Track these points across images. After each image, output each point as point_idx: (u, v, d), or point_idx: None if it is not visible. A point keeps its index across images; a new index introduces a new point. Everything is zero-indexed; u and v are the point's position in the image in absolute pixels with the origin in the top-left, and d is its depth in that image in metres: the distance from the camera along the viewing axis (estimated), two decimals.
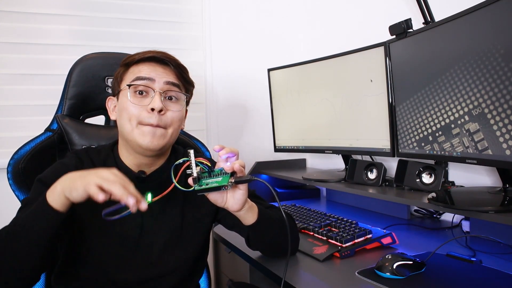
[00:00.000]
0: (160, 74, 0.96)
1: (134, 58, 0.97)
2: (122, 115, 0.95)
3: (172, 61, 0.98)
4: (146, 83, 0.94)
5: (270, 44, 2.27)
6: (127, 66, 0.99)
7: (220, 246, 1.75)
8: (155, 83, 0.95)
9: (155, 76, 0.95)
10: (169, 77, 0.97)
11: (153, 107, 0.92)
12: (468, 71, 1.09)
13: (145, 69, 0.96)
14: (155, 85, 0.94)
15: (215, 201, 0.90)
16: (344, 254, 1.07)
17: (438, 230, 1.35)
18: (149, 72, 0.95)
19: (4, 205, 1.74)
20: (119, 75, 1.00)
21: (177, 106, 0.98)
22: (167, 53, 0.99)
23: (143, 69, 0.96)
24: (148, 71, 0.95)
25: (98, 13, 1.94)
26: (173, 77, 0.98)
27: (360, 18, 1.92)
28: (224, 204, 0.90)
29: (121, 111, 0.96)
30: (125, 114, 0.94)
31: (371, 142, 1.52)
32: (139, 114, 0.93)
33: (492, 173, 1.32)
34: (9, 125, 1.80)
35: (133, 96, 0.94)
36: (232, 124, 2.20)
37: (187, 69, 1.02)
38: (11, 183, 1.16)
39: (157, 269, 0.98)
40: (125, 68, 0.99)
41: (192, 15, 2.14)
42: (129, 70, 0.98)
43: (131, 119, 0.93)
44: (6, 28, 1.79)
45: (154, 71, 0.96)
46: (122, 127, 0.96)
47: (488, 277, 0.90)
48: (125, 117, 0.94)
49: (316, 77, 1.72)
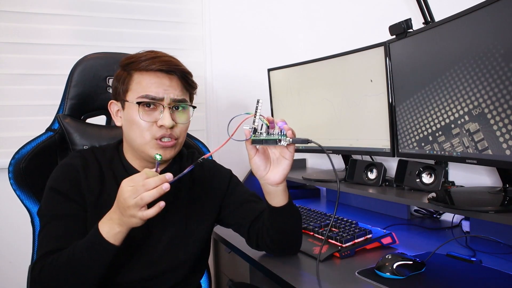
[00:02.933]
0: (168, 89, 0.95)
1: (138, 66, 0.95)
2: (133, 128, 0.95)
3: (178, 70, 0.96)
4: (154, 100, 0.94)
5: (270, 44, 2.27)
6: (130, 71, 0.96)
7: (220, 246, 1.75)
8: (164, 100, 0.95)
9: (163, 93, 0.94)
10: (176, 92, 0.96)
11: (163, 124, 0.93)
12: (468, 71, 1.09)
13: (152, 83, 0.94)
14: (163, 101, 0.95)
15: (257, 168, 0.92)
16: (344, 254, 1.07)
17: (438, 230, 1.35)
18: (157, 88, 0.94)
19: (5, 205, 1.75)
20: (123, 81, 0.97)
21: (185, 116, 0.99)
22: (171, 60, 0.97)
23: (151, 83, 0.94)
24: (155, 87, 0.94)
25: (98, 13, 1.94)
26: (180, 89, 0.97)
27: (360, 18, 1.93)
28: (266, 173, 0.92)
29: (130, 124, 0.96)
30: (136, 128, 0.95)
31: (371, 142, 1.52)
32: (151, 128, 0.94)
33: (492, 173, 1.32)
34: (10, 125, 1.80)
35: (142, 113, 0.94)
36: (232, 124, 2.19)
37: (190, 73, 1.01)
38: (12, 183, 1.17)
39: (160, 267, 0.99)
40: (128, 73, 0.97)
41: (192, 15, 2.14)
42: (134, 79, 0.96)
43: (143, 134, 0.94)
44: (6, 28, 1.79)
45: (161, 86, 0.94)
46: (133, 140, 0.96)
47: (488, 277, 0.91)
48: (137, 131, 0.95)
49: (316, 77, 1.72)
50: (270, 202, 0.97)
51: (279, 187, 0.94)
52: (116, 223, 0.83)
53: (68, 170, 0.97)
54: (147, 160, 0.98)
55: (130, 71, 0.96)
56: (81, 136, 1.23)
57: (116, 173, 1.00)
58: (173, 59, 0.98)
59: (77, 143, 1.22)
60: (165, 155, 0.95)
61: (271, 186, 0.94)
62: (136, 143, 0.96)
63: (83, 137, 1.23)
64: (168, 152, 0.96)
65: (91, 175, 0.98)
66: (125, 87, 0.97)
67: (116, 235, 0.83)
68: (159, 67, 0.94)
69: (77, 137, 1.23)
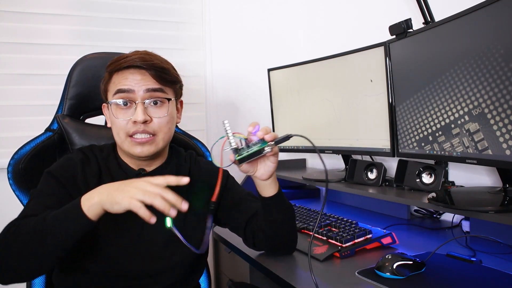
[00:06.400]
0: (139, 82, 0.95)
1: (115, 66, 0.97)
2: (113, 128, 0.99)
3: (149, 65, 0.95)
4: (127, 95, 0.95)
5: (270, 44, 2.27)
6: (111, 74, 0.99)
7: (220, 246, 1.75)
8: (136, 93, 0.95)
9: (134, 85, 0.95)
10: (148, 84, 0.95)
11: (135, 120, 0.94)
12: (468, 71, 1.09)
13: (124, 79, 0.95)
14: (136, 95, 0.95)
15: (246, 171, 0.94)
16: (344, 254, 1.07)
17: (438, 230, 1.35)
18: (128, 82, 0.95)
19: (4, 205, 1.75)
20: (104, 82, 1.00)
21: (162, 111, 0.98)
22: (144, 56, 0.97)
23: (123, 79, 0.96)
24: (127, 82, 0.95)
25: (98, 13, 1.94)
26: (152, 82, 0.96)
27: (360, 18, 1.92)
28: (255, 173, 0.95)
29: (111, 124, 1.00)
30: (114, 127, 0.98)
31: (371, 142, 1.52)
32: (125, 126, 0.96)
33: (492, 173, 1.32)
34: (9, 125, 1.80)
35: (116, 110, 0.96)
36: (232, 124, 2.19)
37: (168, 67, 1.00)
38: (12, 183, 1.17)
39: (159, 264, 0.99)
40: (109, 76, 0.99)
41: (192, 15, 2.14)
42: (112, 80, 0.98)
43: (119, 132, 0.97)
44: (6, 28, 1.79)
45: (133, 80, 0.95)
46: (115, 138, 1.00)
47: (488, 277, 0.91)
48: (115, 130, 0.98)
49: (316, 77, 1.72)
50: (261, 193, 1.00)
51: (267, 181, 0.97)
52: (97, 192, 0.80)
53: (67, 162, 1.00)
54: (134, 158, 1.01)
55: (111, 72, 0.99)
56: (80, 136, 1.23)
57: (111, 170, 1.02)
58: (148, 56, 0.97)
59: (76, 143, 1.22)
60: (143, 151, 0.96)
61: (260, 181, 0.97)
62: (118, 143, 0.99)
63: (82, 137, 1.23)
64: (146, 149, 0.96)
65: (88, 170, 0.99)
66: (105, 88, 1.00)
67: (92, 206, 0.79)
68: (130, 63, 0.95)
69: (76, 137, 1.23)
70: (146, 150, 0.96)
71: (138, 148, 0.96)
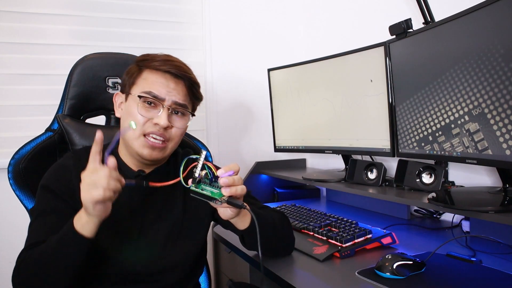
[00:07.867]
0: (171, 91, 0.97)
1: (150, 64, 0.97)
2: (127, 119, 0.98)
3: (186, 77, 0.98)
4: (156, 100, 0.96)
5: (270, 44, 2.27)
6: (141, 68, 0.99)
7: (220, 246, 1.75)
8: (165, 101, 0.96)
9: (165, 94, 0.96)
10: (179, 96, 0.98)
11: (158, 123, 0.94)
12: (468, 71, 1.09)
13: (159, 83, 0.96)
14: (164, 102, 0.96)
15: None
16: (344, 254, 1.07)
17: (438, 230, 1.35)
18: (161, 88, 0.96)
19: (4, 205, 1.75)
20: (131, 75, 1.00)
21: (182, 122, 1.00)
22: (182, 67, 0.99)
23: (156, 82, 0.96)
24: (160, 87, 0.96)
25: (98, 13, 1.94)
26: (183, 94, 0.99)
27: (360, 18, 1.92)
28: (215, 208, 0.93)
29: (127, 115, 0.98)
30: (128, 119, 0.97)
31: (371, 142, 1.52)
32: (144, 124, 0.95)
33: (492, 173, 1.32)
34: (9, 125, 1.80)
35: (141, 108, 0.96)
36: (232, 124, 2.20)
37: (199, 84, 1.03)
38: (12, 183, 1.17)
39: (157, 266, 0.99)
40: (139, 69, 0.99)
41: (192, 15, 2.14)
42: (143, 75, 0.98)
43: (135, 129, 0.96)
44: (6, 28, 1.79)
45: (166, 87, 0.96)
46: (125, 131, 0.98)
47: (488, 277, 0.91)
48: (127, 123, 0.96)
49: (316, 77, 1.72)
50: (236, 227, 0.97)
51: (232, 219, 0.93)
52: (83, 212, 0.82)
53: (60, 170, 0.99)
54: (136, 158, 1.00)
55: (141, 67, 0.99)
56: (81, 136, 1.23)
57: None
58: (185, 66, 1.00)
59: (76, 143, 1.22)
60: (151, 155, 0.96)
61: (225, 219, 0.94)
62: (127, 136, 0.98)
63: (83, 137, 1.23)
64: (155, 154, 0.97)
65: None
66: (132, 81, 0.99)
67: (84, 225, 0.82)
68: (168, 69, 0.96)
69: (76, 137, 1.23)
70: (154, 155, 0.97)
71: (148, 151, 0.96)
